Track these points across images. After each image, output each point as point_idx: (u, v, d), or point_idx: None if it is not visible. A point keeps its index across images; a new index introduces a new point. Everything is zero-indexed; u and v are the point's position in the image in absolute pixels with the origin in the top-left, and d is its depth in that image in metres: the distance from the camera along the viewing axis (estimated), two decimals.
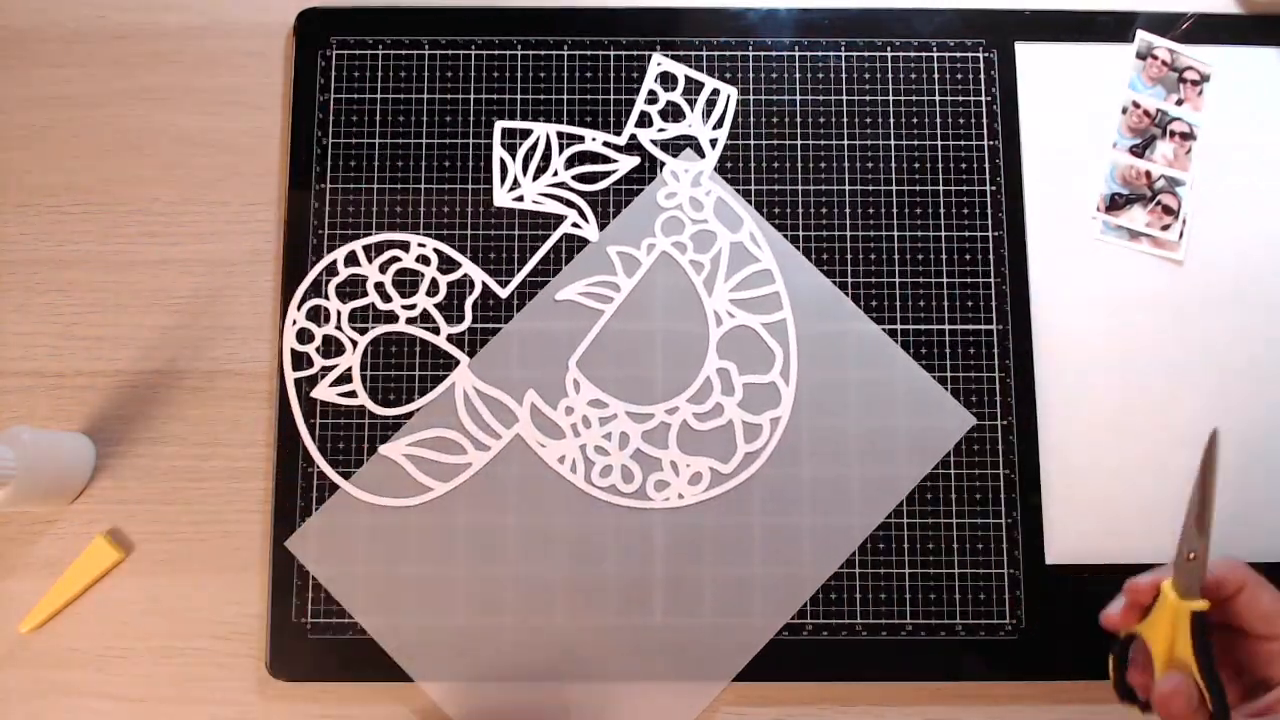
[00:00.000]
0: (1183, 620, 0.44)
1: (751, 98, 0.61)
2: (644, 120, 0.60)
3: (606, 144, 0.59)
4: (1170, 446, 0.58)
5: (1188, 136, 0.61)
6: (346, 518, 0.57)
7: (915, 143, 0.61)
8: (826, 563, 0.56)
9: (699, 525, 0.57)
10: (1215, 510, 0.46)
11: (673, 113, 0.61)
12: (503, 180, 0.59)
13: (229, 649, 0.56)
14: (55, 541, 0.57)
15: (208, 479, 0.58)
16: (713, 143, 0.60)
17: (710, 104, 0.60)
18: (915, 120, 0.61)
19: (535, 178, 0.59)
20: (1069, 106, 0.61)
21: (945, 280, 0.59)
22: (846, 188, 0.60)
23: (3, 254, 0.60)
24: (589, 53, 0.62)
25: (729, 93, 0.60)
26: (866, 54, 0.62)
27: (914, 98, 0.61)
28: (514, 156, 0.60)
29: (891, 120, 0.61)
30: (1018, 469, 0.57)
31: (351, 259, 0.59)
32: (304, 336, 0.59)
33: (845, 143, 0.61)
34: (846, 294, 0.59)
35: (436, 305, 0.59)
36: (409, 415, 0.58)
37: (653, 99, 0.60)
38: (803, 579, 0.56)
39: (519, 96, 0.61)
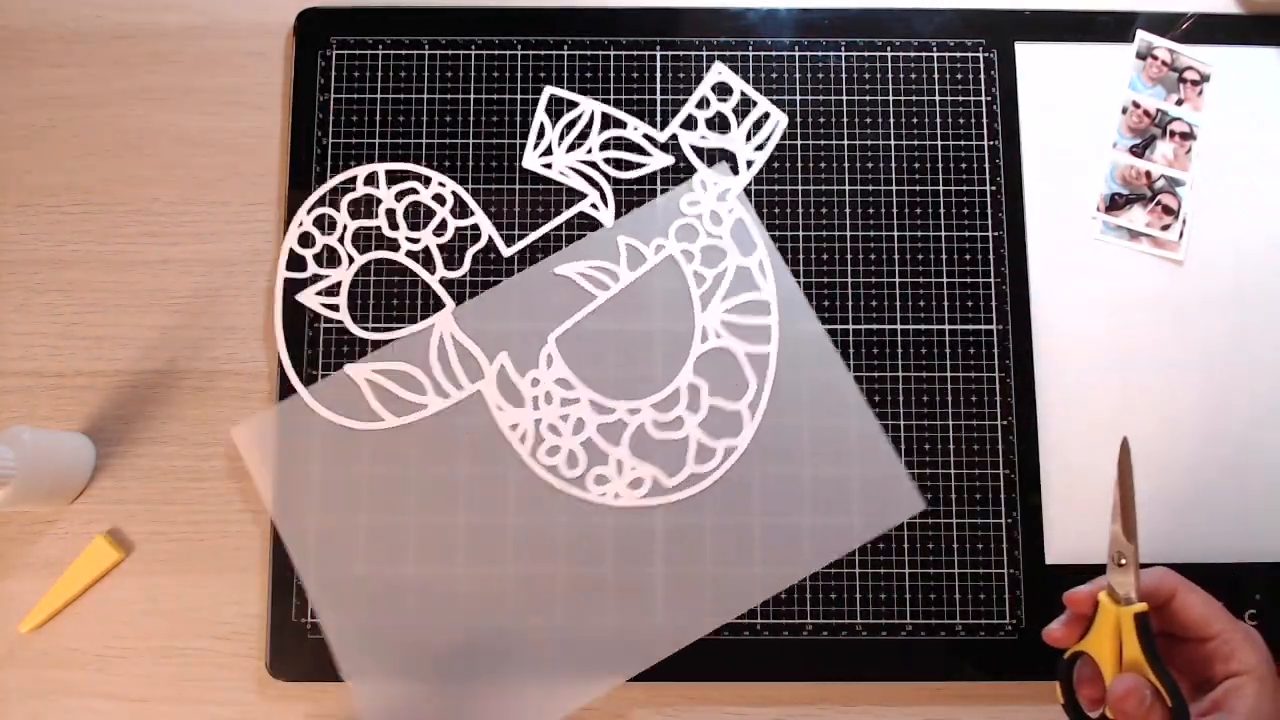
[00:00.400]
0: (1127, 624, 0.44)
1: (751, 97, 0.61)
2: (690, 123, 0.60)
3: (646, 136, 0.59)
4: (1169, 446, 0.58)
5: (1188, 136, 0.61)
6: (297, 423, 0.57)
7: (915, 143, 0.61)
8: (731, 610, 0.55)
9: (630, 526, 0.56)
10: (1138, 513, 0.46)
11: (719, 123, 0.61)
12: (537, 144, 0.59)
13: (229, 649, 0.56)
14: (55, 541, 0.57)
15: (208, 479, 0.58)
16: (749, 163, 0.60)
17: (757, 125, 0.60)
18: (915, 120, 0.61)
19: (570, 150, 0.59)
20: (1069, 106, 0.61)
21: (945, 280, 0.59)
22: (846, 188, 0.60)
23: (3, 254, 0.60)
24: (589, 53, 0.62)
25: (780, 119, 0.60)
26: (866, 54, 0.62)
27: (914, 98, 0.61)
28: (554, 124, 0.60)
29: (891, 120, 0.61)
30: (1018, 469, 0.57)
31: (371, 179, 0.59)
32: (306, 240, 0.59)
33: (845, 143, 0.61)
34: (847, 294, 0.59)
35: (439, 246, 0.59)
36: (383, 344, 0.58)
37: (704, 104, 0.60)
38: (712, 613, 0.56)
39: (519, 97, 0.61)
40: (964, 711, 0.56)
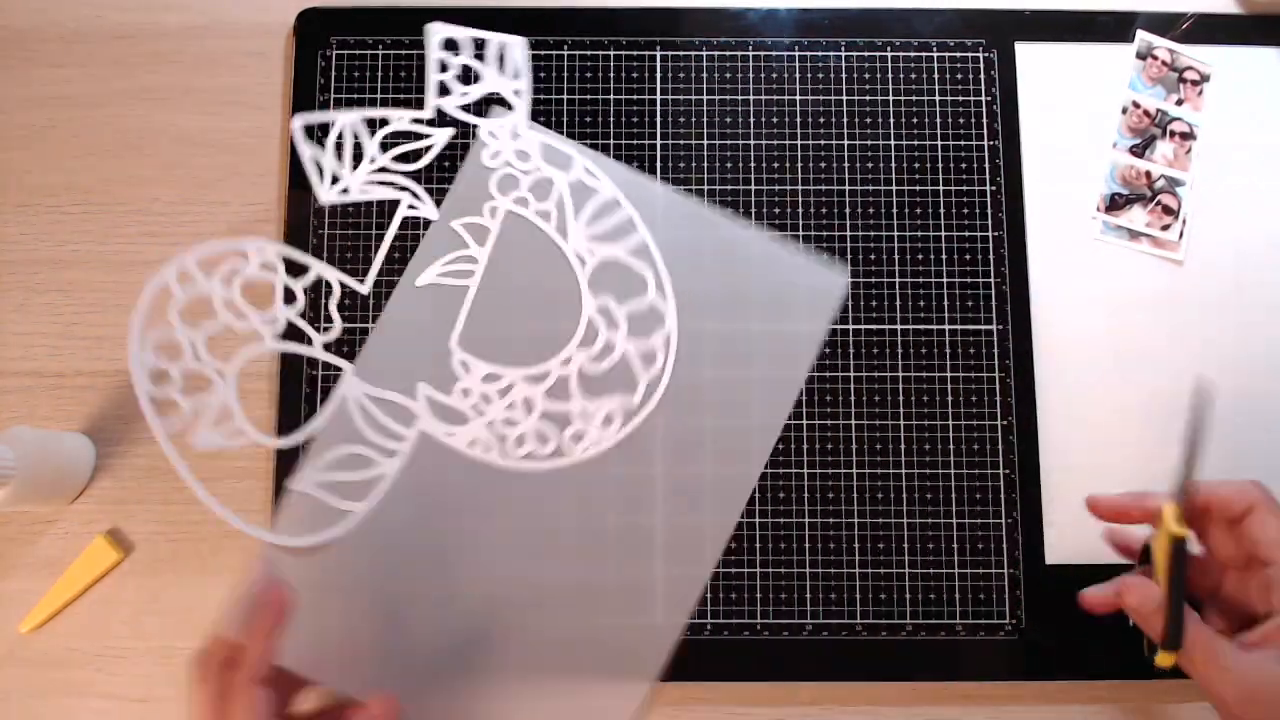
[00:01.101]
0: (1161, 544, 0.47)
1: (751, 98, 0.61)
2: (444, 90, 0.60)
3: (415, 120, 0.59)
4: (1170, 447, 0.58)
5: (1188, 136, 0.61)
6: (289, 562, 0.55)
7: (915, 143, 0.61)
8: (753, 462, 0.57)
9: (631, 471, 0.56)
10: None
11: (469, 76, 0.60)
12: (321, 177, 0.59)
13: None
14: (55, 541, 0.57)
15: (208, 479, 0.58)
16: (517, 93, 0.60)
17: (501, 60, 0.60)
18: (915, 120, 0.61)
19: (354, 168, 0.58)
20: (1069, 106, 0.61)
21: (945, 280, 0.59)
22: (846, 188, 0.60)
23: (3, 254, 0.60)
24: (589, 53, 0.62)
25: (518, 43, 0.60)
26: (866, 54, 0.62)
27: (914, 98, 0.61)
28: (324, 149, 0.59)
29: (891, 120, 0.61)
30: (1018, 469, 0.57)
31: (185, 276, 0.56)
32: (161, 378, 0.55)
33: (845, 143, 0.61)
34: (847, 293, 0.59)
35: (300, 314, 0.58)
36: (307, 445, 0.57)
37: (444, 68, 0.60)
38: (712, 509, 0.57)
39: None
40: (964, 711, 0.56)
